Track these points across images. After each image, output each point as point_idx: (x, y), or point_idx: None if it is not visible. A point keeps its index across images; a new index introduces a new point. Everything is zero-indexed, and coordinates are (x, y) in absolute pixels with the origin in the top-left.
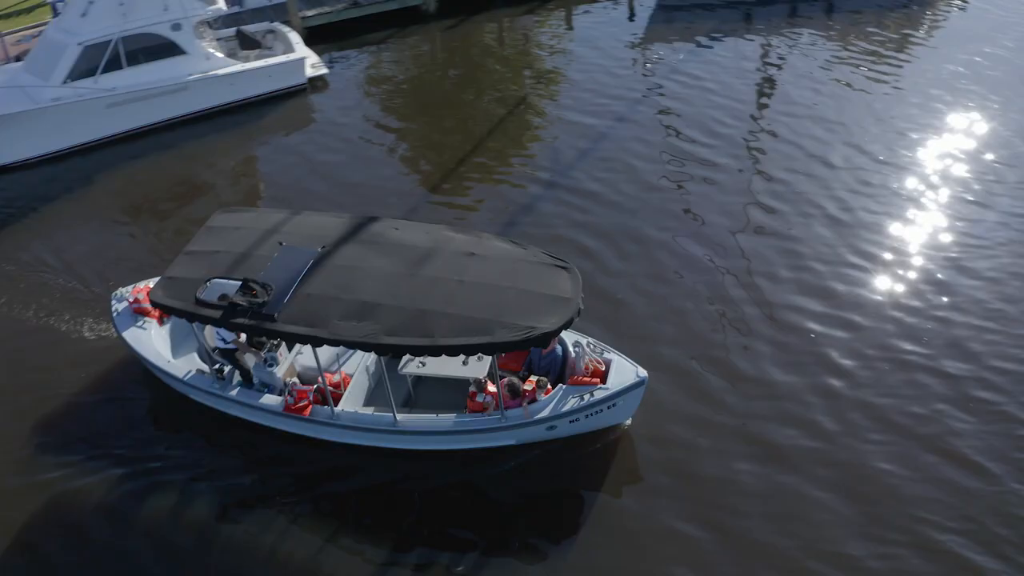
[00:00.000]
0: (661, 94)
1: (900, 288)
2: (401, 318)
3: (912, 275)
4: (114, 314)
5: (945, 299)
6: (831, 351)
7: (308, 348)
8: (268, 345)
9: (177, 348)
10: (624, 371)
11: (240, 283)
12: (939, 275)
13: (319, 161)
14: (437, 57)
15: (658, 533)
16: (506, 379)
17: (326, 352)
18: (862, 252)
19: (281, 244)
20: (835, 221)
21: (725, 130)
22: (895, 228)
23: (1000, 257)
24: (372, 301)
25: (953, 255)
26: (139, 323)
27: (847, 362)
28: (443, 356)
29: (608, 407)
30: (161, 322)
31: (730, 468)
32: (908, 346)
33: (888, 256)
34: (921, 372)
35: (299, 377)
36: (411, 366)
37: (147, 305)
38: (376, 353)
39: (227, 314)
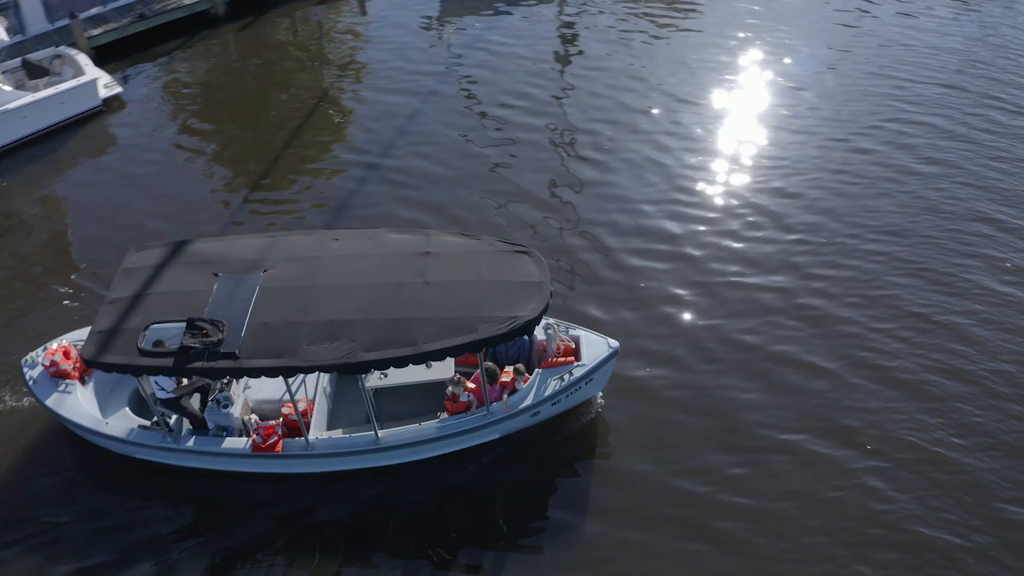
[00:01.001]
0: (467, 65)
1: (725, 216)
2: (376, 331)
3: (734, 202)
4: (30, 383)
5: (766, 220)
6: (670, 285)
7: (259, 382)
8: (217, 385)
9: (106, 407)
10: (595, 344)
11: (185, 324)
12: (757, 200)
13: (134, 180)
14: (234, 59)
15: None
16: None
17: (281, 381)
18: (685, 189)
19: (217, 275)
20: (655, 163)
21: (536, 91)
22: (712, 163)
23: (807, 173)
24: (339, 319)
25: (767, 179)
26: (60, 387)
27: (685, 292)
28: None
29: (586, 382)
30: (83, 381)
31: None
32: (738, 268)
33: (710, 189)
34: (755, 291)
35: (256, 413)
36: (373, 379)
37: (66, 366)
38: (357, 373)
39: (180, 360)
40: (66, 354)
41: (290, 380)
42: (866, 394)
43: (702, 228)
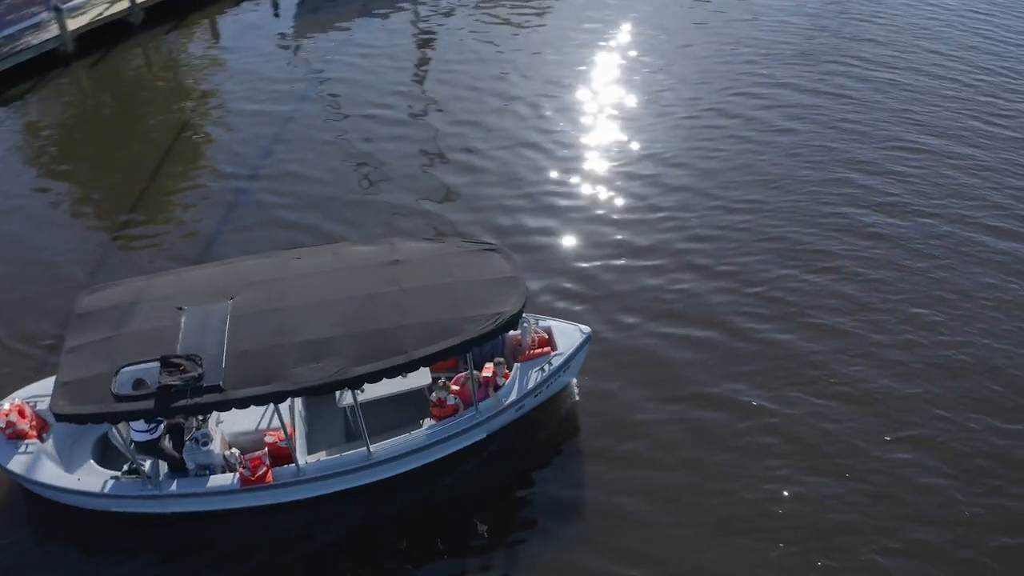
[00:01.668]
0: (329, 79)
1: (599, 202)
2: (362, 344)
3: (606, 187)
4: None
5: (638, 201)
6: (550, 276)
7: (231, 415)
8: (193, 423)
9: (69, 462)
10: (568, 333)
11: (159, 363)
12: (627, 182)
13: None
14: (89, 96)
15: None
16: (463, 373)
17: (257, 409)
18: (556, 180)
19: (181, 309)
20: (524, 158)
21: (401, 98)
22: (580, 152)
23: (673, 151)
24: (321, 337)
25: (636, 161)
26: (20, 449)
27: (583, 265)
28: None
29: (564, 370)
30: (41, 439)
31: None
32: (616, 250)
33: (580, 177)
34: (647, 255)
35: (235, 447)
36: (348, 396)
37: (23, 426)
38: (351, 388)
39: (161, 401)
40: (20, 413)
41: (278, 407)
42: (749, 357)
43: (577, 215)
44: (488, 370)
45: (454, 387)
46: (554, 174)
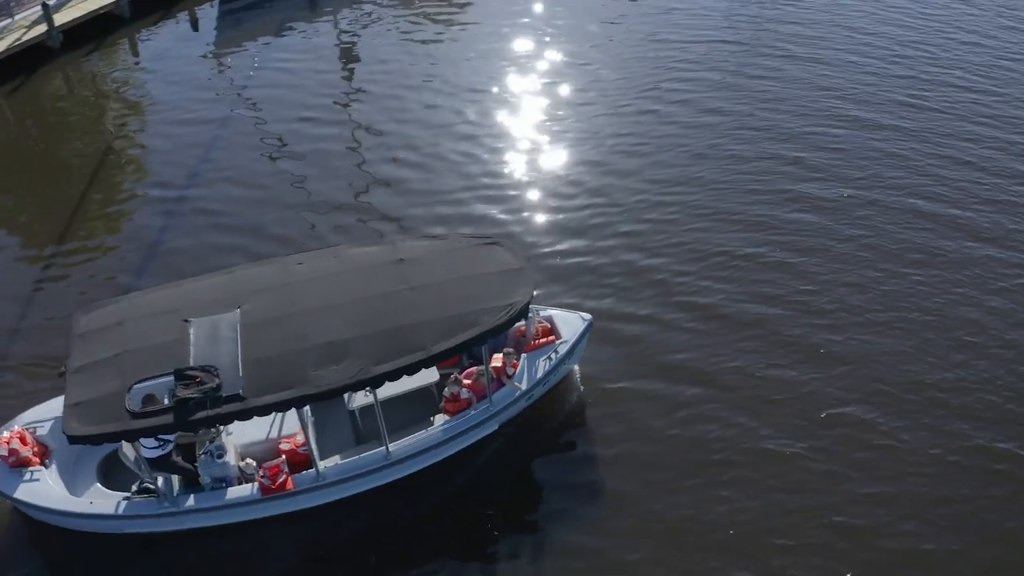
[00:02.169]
0: (257, 87)
1: (534, 194)
2: (380, 343)
3: (539, 179)
4: None
5: (574, 189)
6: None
7: (239, 427)
8: (206, 436)
9: (74, 486)
10: (570, 321)
11: (172, 377)
12: (561, 172)
13: None
14: (12, 124)
15: None
16: (472, 368)
17: (266, 419)
18: (492, 174)
19: (187, 321)
20: (458, 155)
21: (330, 102)
22: (512, 146)
23: (603, 141)
24: (338, 339)
25: (568, 153)
26: (26, 477)
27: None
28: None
29: (568, 358)
30: (44, 465)
31: None
32: (553, 238)
33: (515, 172)
34: (570, 256)
35: (247, 457)
36: (359, 398)
37: (26, 453)
38: (373, 387)
39: (180, 414)
40: (22, 440)
41: (300, 411)
42: (689, 333)
43: (514, 208)
44: (497, 360)
45: (466, 381)
46: (486, 168)
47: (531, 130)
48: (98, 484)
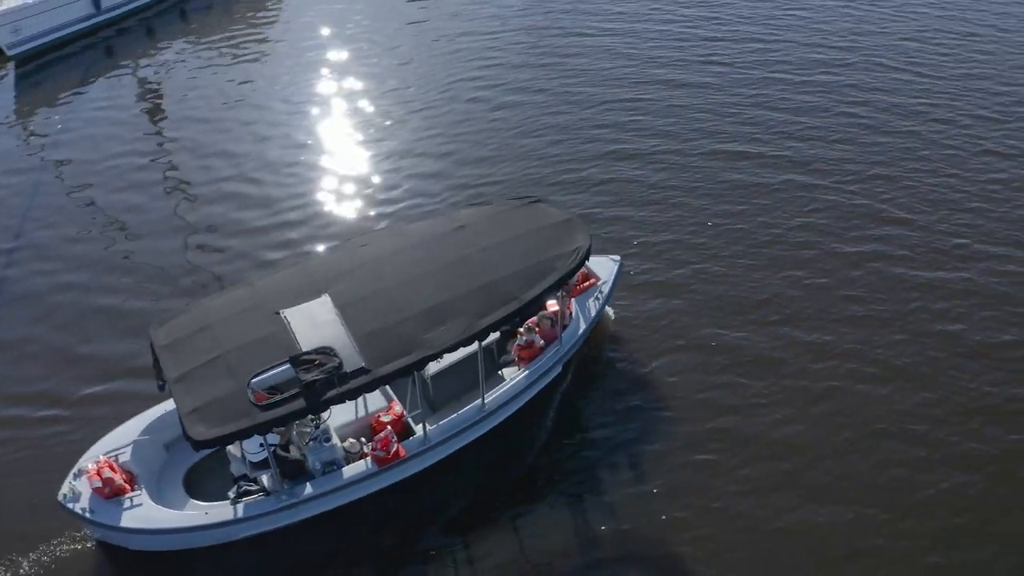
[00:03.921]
0: (65, 146)
1: (367, 192)
2: (475, 301)
3: (368, 178)
4: (88, 515)
5: (415, 185)
6: None
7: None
8: (308, 425)
9: (169, 505)
10: (602, 263)
11: (288, 365)
12: (393, 165)
13: None
14: None
15: None
16: (532, 319)
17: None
18: (319, 180)
19: (278, 313)
20: (285, 167)
21: (146, 137)
22: (334, 150)
23: (430, 135)
24: (435, 304)
25: (397, 152)
26: (126, 505)
27: None
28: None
29: (607, 296)
30: (133, 488)
31: None
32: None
33: (342, 174)
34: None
35: (342, 439)
36: (432, 366)
37: (120, 481)
38: (480, 341)
39: (310, 396)
40: (111, 468)
41: (413, 378)
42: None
43: (335, 221)
44: (555, 306)
45: (537, 329)
46: (309, 187)
47: (349, 144)
48: (192, 500)
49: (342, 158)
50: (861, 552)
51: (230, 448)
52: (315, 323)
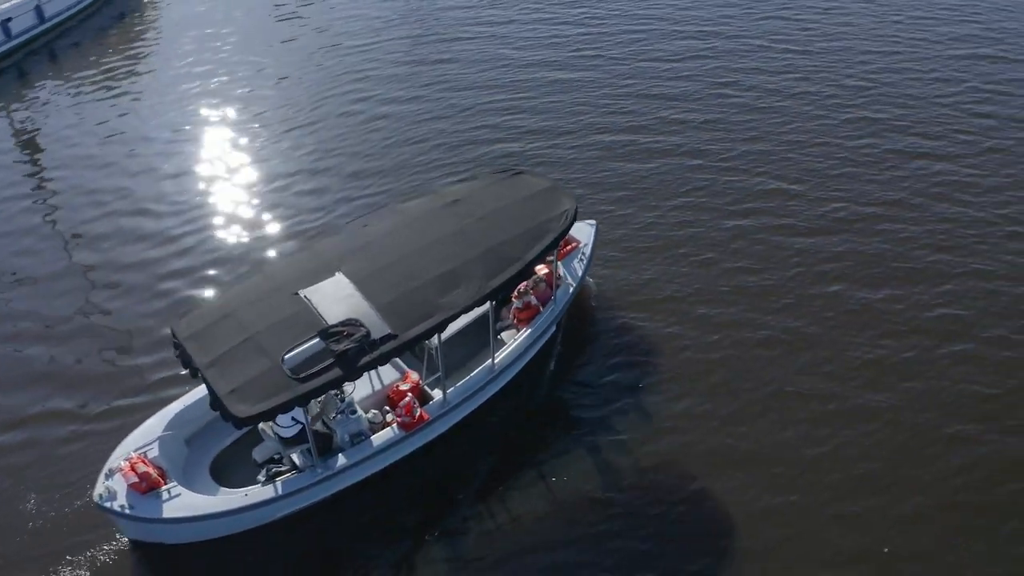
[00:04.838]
0: None
1: (261, 213)
2: (482, 265)
3: (264, 200)
4: (128, 511)
5: (305, 201)
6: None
7: (348, 385)
8: (332, 399)
9: (197, 489)
10: (580, 228)
11: (318, 338)
12: (289, 195)
13: None
14: None
15: None
16: (524, 283)
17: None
18: (211, 209)
19: (296, 294)
20: (153, 235)
21: (25, 180)
22: (222, 180)
23: (321, 148)
24: (446, 271)
25: (287, 176)
26: (164, 497)
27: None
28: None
29: (589, 257)
30: (165, 481)
31: None
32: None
33: (231, 201)
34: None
35: (365, 411)
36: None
37: (154, 474)
38: (493, 300)
39: (345, 364)
40: (144, 463)
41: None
42: None
43: (252, 234)
44: (546, 267)
45: (532, 291)
46: (200, 213)
47: (238, 170)
48: (223, 488)
49: (229, 182)
50: (771, 510)
51: (262, 426)
52: (336, 298)
